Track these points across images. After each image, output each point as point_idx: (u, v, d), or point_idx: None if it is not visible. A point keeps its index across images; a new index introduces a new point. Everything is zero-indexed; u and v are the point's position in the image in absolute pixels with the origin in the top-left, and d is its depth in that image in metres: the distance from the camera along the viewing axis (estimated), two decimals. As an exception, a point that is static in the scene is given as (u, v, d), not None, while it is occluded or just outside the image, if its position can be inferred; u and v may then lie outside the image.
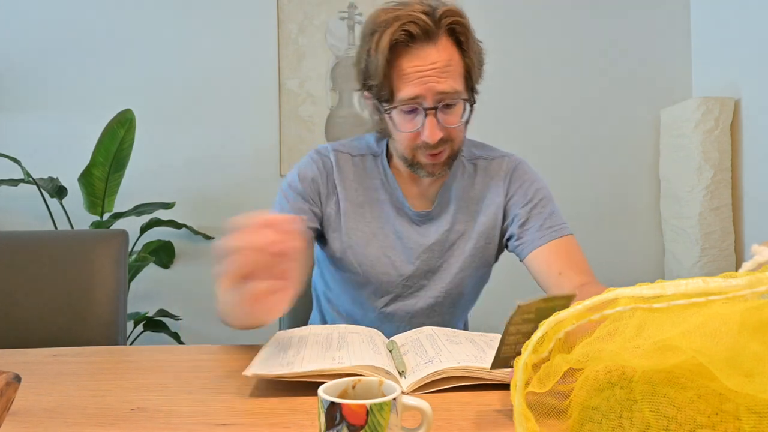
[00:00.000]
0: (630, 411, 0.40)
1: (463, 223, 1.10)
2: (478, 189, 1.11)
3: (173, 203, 2.21)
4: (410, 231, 1.09)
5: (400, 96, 0.95)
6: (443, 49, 0.95)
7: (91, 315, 1.19)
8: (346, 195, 1.08)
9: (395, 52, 0.95)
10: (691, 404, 0.38)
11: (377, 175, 1.10)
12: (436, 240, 1.09)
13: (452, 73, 0.96)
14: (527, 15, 2.39)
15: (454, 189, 1.10)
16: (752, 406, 0.36)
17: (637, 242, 2.42)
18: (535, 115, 2.39)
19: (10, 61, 2.29)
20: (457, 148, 1.02)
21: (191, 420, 0.62)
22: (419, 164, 1.01)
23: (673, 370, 0.39)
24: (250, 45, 2.35)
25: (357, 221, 1.08)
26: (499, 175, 1.12)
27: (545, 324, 0.44)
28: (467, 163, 1.13)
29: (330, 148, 1.13)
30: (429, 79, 0.94)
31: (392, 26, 0.93)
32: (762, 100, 2.03)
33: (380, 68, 0.94)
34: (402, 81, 0.95)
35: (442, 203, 1.10)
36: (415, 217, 1.09)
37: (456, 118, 0.98)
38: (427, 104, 0.95)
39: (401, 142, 1.01)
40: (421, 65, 0.94)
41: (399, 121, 0.98)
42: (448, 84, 0.95)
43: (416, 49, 0.94)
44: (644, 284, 0.41)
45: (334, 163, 1.10)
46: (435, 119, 0.95)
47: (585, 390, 0.44)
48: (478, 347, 0.82)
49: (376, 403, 0.47)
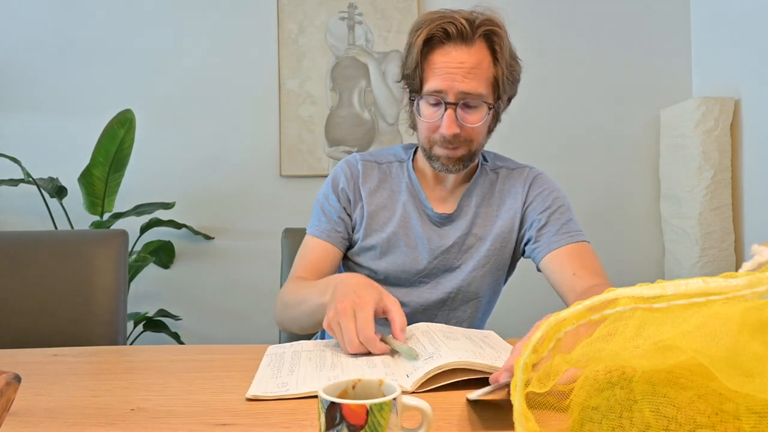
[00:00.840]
0: (630, 411, 0.40)
1: (481, 227, 1.14)
2: (498, 195, 1.17)
3: (173, 203, 2.21)
4: (431, 232, 1.14)
5: (427, 87, 1.04)
6: (475, 52, 1.02)
7: (91, 315, 1.19)
8: (369, 200, 1.15)
9: (430, 47, 1.03)
10: (691, 404, 0.38)
11: (402, 179, 1.17)
12: (454, 242, 1.13)
13: (479, 76, 1.02)
14: (527, 15, 2.39)
15: (476, 194, 1.16)
16: (752, 406, 0.36)
17: (637, 242, 2.42)
18: (535, 115, 2.39)
19: (10, 61, 2.29)
20: (474, 150, 1.08)
21: (191, 420, 0.62)
22: (435, 156, 1.08)
23: (673, 370, 0.39)
24: (250, 45, 2.35)
25: (380, 223, 1.15)
26: (519, 183, 1.17)
27: (545, 324, 0.44)
28: (490, 171, 1.19)
29: (359, 157, 1.20)
30: (454, 77, 1.01)
31: (433, 23, 1.02)
32: (762, 100, 2.03)
33: (414, 59, 1.03)
34: (431, 73, 1.03)
35: (463, 207, 1.15)
36: (436, 218, 1.14)
37: (475, 119, 1.04)
38: (449, 99, 1.02)
39: (422, 131, 1.08)
40: (450, 62, 1.01)
41: (423, 111, 1.06)
42: (471, 85, 1.01)
43: (449, 47, 1.02)
44: (644, 284, 0.41)
45: (360, 172, 1.17)
46: (454, 114, 1.02)
47: (585, 390, 0.44)
48: (475, 343, 0.82)
49: (376, 403, 0.47)
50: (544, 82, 2.39)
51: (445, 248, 1.13)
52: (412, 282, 1.14)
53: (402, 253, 1.13)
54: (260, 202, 2.34)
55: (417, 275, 1.13)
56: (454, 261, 1.14)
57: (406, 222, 1.14)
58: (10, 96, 2.30)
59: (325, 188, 1.19)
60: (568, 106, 2.40)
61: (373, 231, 1.14)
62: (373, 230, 1.14)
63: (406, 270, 1.13)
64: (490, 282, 1.16)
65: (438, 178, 1.16)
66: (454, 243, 1.13)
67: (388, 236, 1.14)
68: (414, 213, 1.14)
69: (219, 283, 2.33)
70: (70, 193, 2.12)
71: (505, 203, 1.16)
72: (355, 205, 1.16)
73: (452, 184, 1.15)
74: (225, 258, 2.33)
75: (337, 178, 1.18)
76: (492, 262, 1.14)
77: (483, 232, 1.14)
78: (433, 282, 1.14)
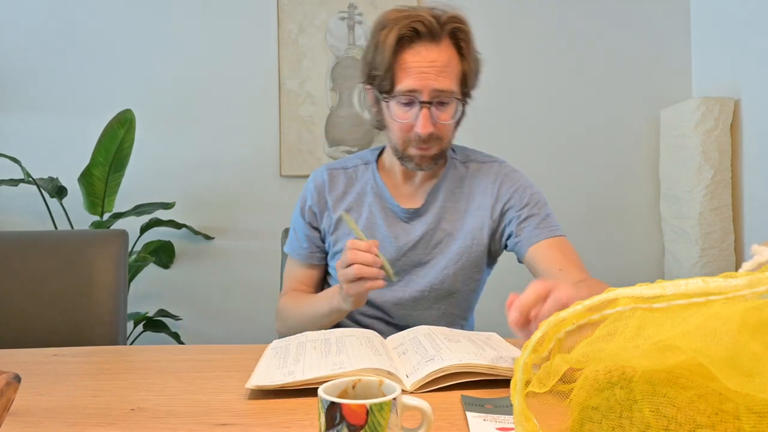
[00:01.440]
0: (630, 411, 0.40)
1: (450, 222, 1.15)
2: (467, 189, 1.17)
3: (173, 203, 2.21)
4: (397, 229, 1.14)
5: (400, 87, 1.03)
6: (444, 50, 1.03)
7: (91, 315, 1.19)
8: (335, 207, 1.17)
9: (401, 46, 1.02)
10: (691, 404, 0.38)
11: (367, 180, 1.18)
12: (422, 235, 1.14)
13: (450, 73, 1.03)
14: (527, 15, 2.38)
15: (444, 189, 1.16)
16: (752, 406, 0.36)
17: (637, 242, 2.42)
18: (534, 115, 2.39)
19: (10, 61, 2.29)
20: (445, 146, 1.09)
21: (191, 420, 0.62)
22: (409, 156, 1.08)
23: (673, 370, 0.39)
24: (250, 45, 2.35)
25: (347, 227, 1.15)
26: (489, 180, 1.16)
27: (545, 324, 0.44)
28: (460, 165, 1.19)
29: (325, 168, 1.22)
30: (428, 76, 1.01)
31: (401, 23, 1.01)
32: (762, 100, 2.03)
33: (386, 59, 1.02)
34: (403, 73, 1.03)
35: (431, 201, 1.15)
36: (402, 214, 1.15)
37: (448, 116, 1.05)
38: (423, 98, 1.02)
39: (395, 132, 1.08)
40: (422, 61, 1.02)
41: (396, 111, 1.06)
42: (444, 83, 1.02)
43: (420, 46, 1.02)
44: (644, 284, 0.41)
45: (326, 182, 1.19)
46: (429, 113, 1.03)
47: (585, 390, 0.44)
48: (476, 345, 0.82)
49: (376, 403, 0.47)
50: (544, 82, 2.39)
51: (412, 244, 1.13)
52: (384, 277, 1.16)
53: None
54: (260, 202, 2.34)
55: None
56: (423, 256, 1.14)
57: (371, 224, 1.15)
58: (10, 96, 2.30)
59: (296, 208, 1.23)
60: (568, 106, 2.40)
61: (341, 236, 1.16)
62: (342, 235, 1.16)
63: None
64: (465, 279, 1.15)
65: (407, 175, 1.16)
66: (421, 237, 1.13)
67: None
68: (379, 213, 1.15)
69: (219, 283, 2.33)
70: (70, 193, 2.12)
71: (474, 199, 1.16)
72: (321, 216, 1.18)
73: (420, 179, 1.16)
74: (225, 258, 2.33)
75: (304, 197, 1.21)
76: (464, 259, 1.14)
77: (452, 227, 1.14)
78: (405, 279, 1.14)
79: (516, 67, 2.37)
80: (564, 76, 2.40)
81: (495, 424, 0.60)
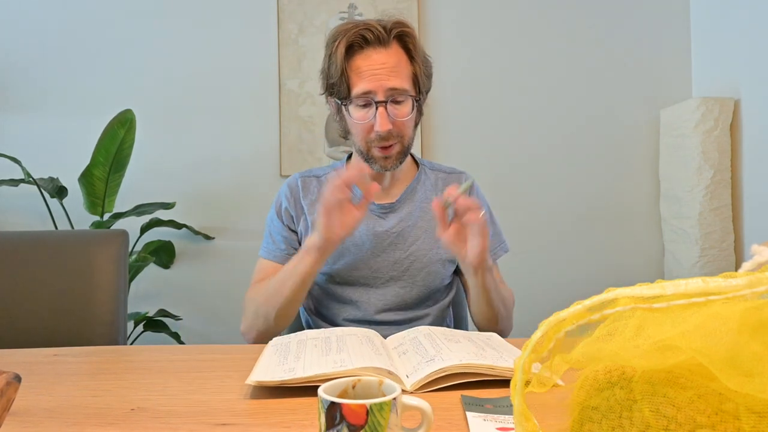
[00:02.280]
0: (630, 411, 0.40)
1: (426, 222, 1.20)
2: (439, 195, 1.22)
3: (173, 203, 2.21)
4: (374, 222, 1.19)
5: (356, 90, 1.09)
6: (393, 53, 1.10)
7: (91, 315, 1.19)
8: (311, 210, 1.20)
9: (352, 54, 1.10)
10: (691, 404, 0.38)
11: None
12: (401, 229, 1.19)
13: (400, 73, 1.10)
14: (527, 15, 2.38)
15: (419, 190, 1.23)
16: (752, 406, 0.36)
17: (636, 242, 2.42)
18: (534, 114, 2.39)
19: (10, 61, 2.29)
20: (406, 144, 1.15)
21: (191, 420, 0.62)
22: (373, 158, 1.14)
23: (673, 370, 0.39)
24: (250, 45, 2.35)
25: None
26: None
27: (545, 324, 0.44)
28: (429, 171, 1.27)
29: (298, 176, 1.26)
30: (380, 77, 1.08)
31: (350, 32, 1.09)
32: (762, 100, 2.03)
33: (338, 67, 1.09)
34: (357, 77, 1.09)
35: (405, 198, 1.22)
36: (377, 210, 1.20)
37: (404, 113, 1.11)
38: (378, 98, 1.08)
39: (357, 134, 1.13)
40: (373, 64, 1.09)
41: (355, 114, 1.12)
42: (396, 81, 1.09)
43: (369, 51, 1.09)
44: (644, 284, 0.41)
45: (300, 188, 1.23)
46: (385, 111, 1.08)
47: (585, 390, 0.44)
48: (477, 345, 0.82)
49: (376, 402, 0.47)
50: (544, 81, 2.39)
51: (392, 233, 1.18)
52: (368, 279, 1.18)
53: (350, 252, 1.17)
54: (260, 202, 2.34)
55: (369, 271, 1.17)
56: (403, 252, 1.18)
57: None
58: (10, 96, 2.30)
59: (270, 212, 1.26)
60: (567, 106, 2.40)
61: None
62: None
63: (358, 268, 1.17)
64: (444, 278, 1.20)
65: (375, 178, 1.20)
66: (401, 230, 1.18)
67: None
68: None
69: (219, 283, 2.33)
70: (70, 193, 2.12)
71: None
72: (298, 219, 1.21)
73: (389, 181, 1.21)
74: (225, 258, 2.33)
75: (279, 200, 1.25)
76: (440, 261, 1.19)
77: (426, 227, 1.19)
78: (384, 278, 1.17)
79: (516, 67, 2.37)
80: (564, 76, 2.40)
81: (495, 424, 0.60)
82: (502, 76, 2.36)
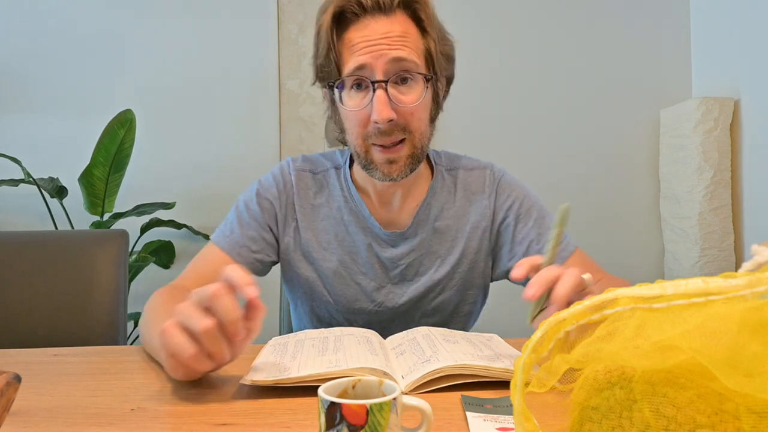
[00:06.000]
0: (630, 411, 0.40)
1: (440, 244, 0.99)
2: (459, 206, 1.01)
3: (173, 203, 2.21)
4: (380, 250, 0.98)
5: (346, 69, 0.85)
6: (398, 21, 0.84)
7: (91, 315, 1.19)
8: (306, 223, 0.98)
9: (343, 25, 0.85)
10: (691, 404, 0.38)
11: (339, 192, 1.00)
12: (410, 261, 0.98)
13: (409, 44, 0.84)
14: (527, 15, 2.39)
15: (434, 207, 0.99)
16: (752, 406, 0.36)
17: (636, 242, 2.42)
18: (534, 115, 2.39)
19: (10, 61, 2.29)
20: (418, 144, 0.88)
21: (191, 420, 0.62)
22: (374, 163, 0.88)
23: (672, 370, 0.39)
24: (250, 45, 2.35)
25: (322, 251, 0.99)
26: (482, 191, 1.01)
27: (545, 324, 0.44)
28: (447, 174, 1.02)
29: (292, 166, 1.02)
30: (379, 48, 0.82)
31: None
32: (762, 100, 2.03)
33: (325, 41, 0.85)
34: (349, 52, 0.84)
35: (418, 222, 0.98)
36: (385, 237, 0.98)
37: (412, 97, 0.85)
38: (376, 76, 0.83)
39: (352, 130, 0.88)
40: (370, 35, 0.84)
41: (347, 101, 0.86)
42: (401, 52, 0.83)
43: (366, 20, 0.84)
44: (644, 284, 0.41)
45: (294, 186, 0.99)
46: (385, 94, 0.82)
47: (585, 390, 0.44)
48: (475, 346, 0.82)
49: (376, 403, 0.47)
50: (544, 81, 2.39)
51: (399, 266, 0.98)
52: (367, 312, 1.00)
53: (352, 282, 0.99)
54: (260, 202, 2.34)
55: (372, 304, 1.00)
56: (410, 283, 0.99)
57: (351, 245, 0.99)
58: (10, 96, 2.29)
59: (249, 193, 1.01)
60: (567, 106, 2.40)
61: (315, 260, 0.99)
62: (316, 258, 0.99)
63: (358, 299, 0.99)
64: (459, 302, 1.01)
65: (382, 199, 0.97)
66: (410, 263, 0.98)
67: (334, 265, 0.98)
68: (359, 234, 0.98)
69: (219, 283, 2.33)
70: (70, 193, 2.12)
71: (468, 217, 1.00)
72: (286, 225, 0.99)
73: (399, 201, 0.97)
74: (225, 258, 2.33)
75: (267, 186, 0.99)
76: (459, 284, 1.00)
77: (445, 251, 0.99)
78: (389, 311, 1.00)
79: (515, 67, 2.37)
80: (564, 76, 2.40)
81: (495, 424, 0.60)
82: (501, 76, 2.36)
